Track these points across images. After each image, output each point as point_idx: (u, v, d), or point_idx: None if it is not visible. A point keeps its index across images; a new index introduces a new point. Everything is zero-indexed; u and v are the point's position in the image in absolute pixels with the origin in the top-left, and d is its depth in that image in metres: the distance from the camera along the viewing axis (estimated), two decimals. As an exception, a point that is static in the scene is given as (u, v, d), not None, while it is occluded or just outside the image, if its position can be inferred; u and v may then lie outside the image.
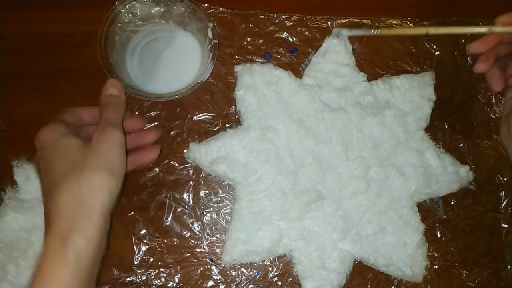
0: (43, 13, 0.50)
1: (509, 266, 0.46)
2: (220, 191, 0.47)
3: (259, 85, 0.46)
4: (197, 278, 0.44)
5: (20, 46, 0.49)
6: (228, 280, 0.45)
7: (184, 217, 0.46)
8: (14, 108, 0.47)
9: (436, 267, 0.46)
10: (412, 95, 0.47)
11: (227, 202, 0.46)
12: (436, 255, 0.46)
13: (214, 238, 0.45)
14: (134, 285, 0.44)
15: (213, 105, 0.48)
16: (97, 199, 0.32)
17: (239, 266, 0.45)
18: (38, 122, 0.46)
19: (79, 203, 0.32)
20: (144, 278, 0.44)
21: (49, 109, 0.47)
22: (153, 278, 0.44)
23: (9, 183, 0.43)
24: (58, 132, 0.36)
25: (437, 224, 0.47)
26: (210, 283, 0.44)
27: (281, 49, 0.50)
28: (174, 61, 0.48)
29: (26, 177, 0.43)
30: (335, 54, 0.48)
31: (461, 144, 0.49)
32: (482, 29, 0.41)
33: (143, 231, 0.45)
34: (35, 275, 0.30)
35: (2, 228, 0.41)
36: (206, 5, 0.49)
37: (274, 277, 0.45)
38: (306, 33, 0.50)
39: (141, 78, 0.48)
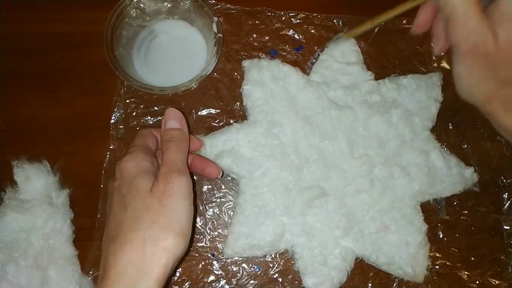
0: (43, 13, 0.50)
1: (510, 268, 0.46)
2: (223, 187, 0.47)
3: (266, 80, 0.46)
4: (198, 272, 0.44)
5: (20, 46, 0.49)
6: (229, 275, 0.45)
7: (187, 211, 0.46)
8: (14, 108, 0.47)
9: (438, 267, 0.46)
10: (419, 95, 0.47)
11: (230, 197, 0.46)
12: (437, 255, 0.46)
13: (216, 233, 0.46)
14: (135, 278, 0.44)
15: (218, 101, 0.48)
16: (159, 265, 0.31)
17: (240, 262, 0.45)
18: (38, 122, 0.47)
19: (139, 268, 0.31)
20: (145, 271, 0.44)
21: (49, 109, 0.47)
22: (154, 272, 0.44)
23: (9, 183, 0.43)
24: (138, 166, 0.35)
25: (439, 225, 0.47)
26: (211, 277, 0.44)
27: (287, 46, 0.50)
28: (180, 56, 0.48)
29: (26, 177, 0.43)
30: (343, 53, 0.48)
31: (465, 145, 0.49)
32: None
33: (146, 225, 0.45)
34: None
35: (2, 228, 0.41)
36: (213, 1, 0.50)
37: (275, 273, 0.45)
38: (312, 31, 0.50)
39: (147, 73, 0.48)
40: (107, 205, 0.37)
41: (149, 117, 0.47)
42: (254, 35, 0.50)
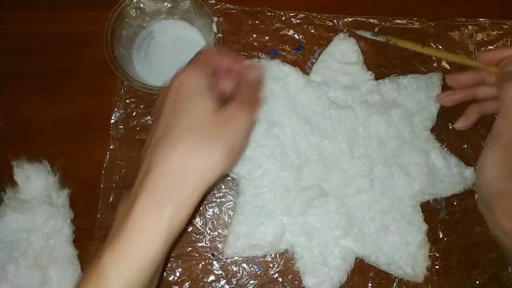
0: (43, 13, 0.50)
1: (510, 268, 0.46)
2: (223, 186, 0.47)
3: (266, 80, 0.46)
4: (198, 272, 0.44)
5: (20, 46, 0.49)
6: (229, 275, 0.45)
7: (187, 211, 0.46)
8: (14, 108, 0.47)
9: (437, 267, 0.46)
10: (419, 95, 0.47)
11: (230, 197, 0.46)
12: (437, 255, 0.46)
13: (216, 233, 0.46)
14: (135, 278, 0.44)
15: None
16: (206, 178, 0.31)
17: (240, 262, 0.45)
18: (38, 122, 0.47)
19: (187, 175, 0.30)
20: (145, 271, 0.44)
21: (49, 109, 0.47)
22: (154, 272, 0.44)
23: (9, 183, 0.43)
24: (198, 86, 0.33)
25: (439, 224, 0.47)
26: (211, 277, 0.44)
27: (287, 46, 0.50)
28: (180, 56, 0.48)
29: (26, 177, 0.43)
30: (343, 53, 0.48)
31: (465, 145, 0.49)
32: (469, 61, 0.42)
33: (146, 225, 0.45)
34: (118, 232, 0.29)
35: (2, 228, 0.41)
36: (213, 1, 0.50)
37: (275, 273, 0.45)
38: (312, 31, 0.50)
39: (147, 73, 0.48)
40: (155, 109, 0.35)
41: (149, 117, 0.47)
42: (254, 35, 0.50)
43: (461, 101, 0.43)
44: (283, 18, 0.50)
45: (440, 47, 0.51)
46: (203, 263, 0.45)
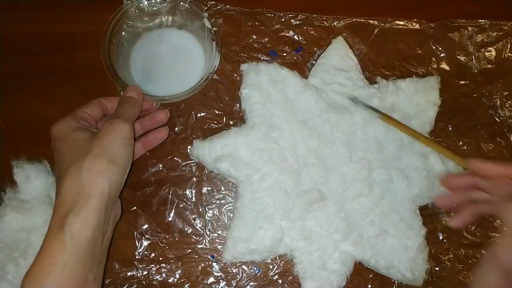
0: (43, 13, 0.50)
1: (510, 270, 0.46)
2: (222, 188, 0.47)
3: (264, 84, 0.46)
4: (198, 274, 0.45)
5: (20, 46, 0.49)
6: (229, 277, 0.45)
7: (186, 213, 0.46)
8: (14, 108, 0.47)
9: (437, 269, 0.46)
10: (417, 99, 0.47)
11: (229, 199, 0.46)
12: (437, 257, 0.46)
13: (216, 234, 0.46)
14: (135, 280, 0.44)
15: (217, 102, 0.48)
16: (96, 186, 0.34)
17: (240, 264, 0.45)
18: (38, 122, 0.47)
19: (79, 189, 0.34)
20: (145, 273, 0.44)
21: (49, 109, 0.47)
22: (154, 273, 0.44)
23: (9, 183, 0.43)
24: (69, 127, 0.38)
25: (439, 226, 0.47)
26: (211, 279, 0.44)
27: (287, 47, 0.50)
28: (177, 65, 0.48)
29: (26, 177, 0.43)
30: (341, 56, 0.48)
31: (465, 147, 0.49)
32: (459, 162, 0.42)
33: (145, 226, 0.45)
34: (37, 256, 0.33)
35: (2, 228, 0.41)
36: (213, 2, 0.50)
37: (274, 275, 0.45)
38: (312, 32, 0.50)
39: (145, 81, 0.47)
40: (55, 168, 0.39)
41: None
42: (254, 36, 0.50)
43: (457, 203, 0.40)
44: (283, 19, 0.50)
45: (440, 48, 0.51)
46: (202, 264, 0.45)
